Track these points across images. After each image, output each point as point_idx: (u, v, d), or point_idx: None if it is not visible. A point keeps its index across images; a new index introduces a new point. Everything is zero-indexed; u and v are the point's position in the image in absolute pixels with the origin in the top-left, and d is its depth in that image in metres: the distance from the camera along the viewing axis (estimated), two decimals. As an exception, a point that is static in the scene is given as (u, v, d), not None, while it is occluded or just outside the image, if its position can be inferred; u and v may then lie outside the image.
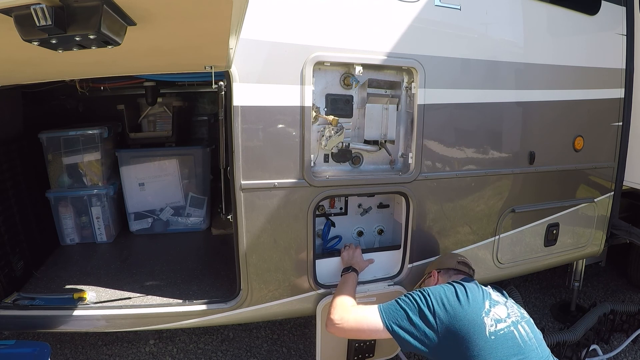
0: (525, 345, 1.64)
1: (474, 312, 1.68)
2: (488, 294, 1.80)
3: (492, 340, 1.62)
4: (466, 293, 1.73)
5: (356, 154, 2.17)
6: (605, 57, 2.64)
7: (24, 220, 2.54)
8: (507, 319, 1.71)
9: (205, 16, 1.13)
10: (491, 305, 1.73)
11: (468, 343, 1.62)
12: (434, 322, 1.68)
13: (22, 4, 0.82)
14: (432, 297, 1.73)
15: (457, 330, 1.64)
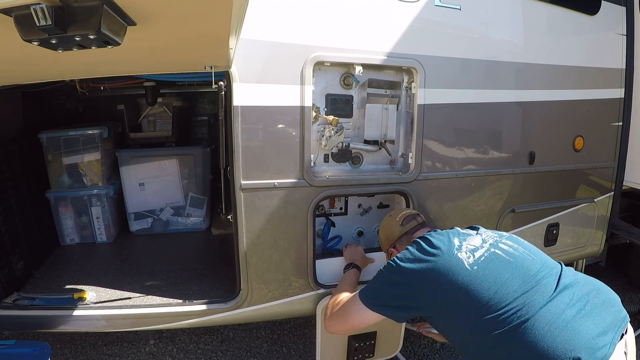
0: (515, 259, 1.56)
1: (444, 255, 1.59)
2: (455, 231, 1.73)
3: (475, 270, 1.52)
4: (430, 241, 1.65)
5: (356, 154, 2.17)
6: (605, 57, 2.64)
7: (24, 220, 2.54)
8: (483, 244, 1.63)
9: (205, 16, 1.13)
10: (461, 240, 1.65)
11: (454, 286, 1.52)
12: (412, 284, 1.60)
13: (22, 4, 0.82)
14: (400, 263, 1.65)
15: (438, 280, 1.55)
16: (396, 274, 1.65)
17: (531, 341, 1.35)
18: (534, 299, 1.42)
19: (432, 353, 2.97)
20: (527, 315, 1.39)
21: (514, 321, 1.39)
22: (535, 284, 1.47)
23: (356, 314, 1.71)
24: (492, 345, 1.43)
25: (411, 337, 3.05)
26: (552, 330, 1.35)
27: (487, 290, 1.47)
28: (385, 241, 2.05)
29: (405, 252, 1.69)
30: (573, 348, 1.31)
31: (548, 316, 1.38)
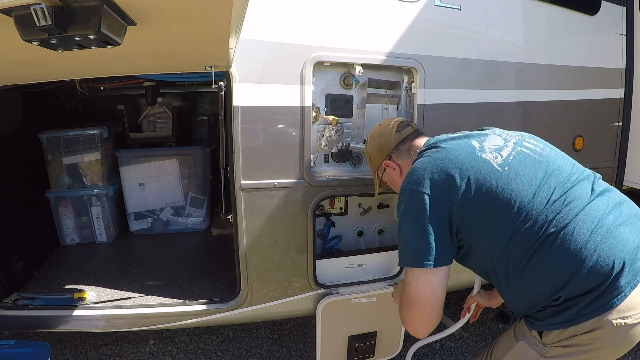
0: (545, 158, 1.41)
1: (468, 162, 1.39)
2: (466, 134, 1.55)
3: (507, 171, 1.36)
4: (447, 156, 1.43)
5: (356, 154, 2.17)
6: (605, 57, 2.64)
7: (24, 220, 2.54)
8: (507, 142, 1.46)
9: (205, 16, 1.13)
10: (480, 141, 1.47)
11: (487, 193, 1.34)
12: (445, 205, 1.37)
13: (22, 4, 0.82)
14: (424, 188, 1.39)
15: (469, 192, 1.35)
16: (425, 203, 1.37)
17: (572, 248, 1.26)
18: (573, 202, 1.31)
19: (432, 353, 2.97)
20: (567, 220, 1.28)
21: (554, 226, 1.28)
22: (570, 185, 1.35)
23: (420, 288, 1.38)
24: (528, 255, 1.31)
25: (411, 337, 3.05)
26: (594, 237, 1.26)
27: (523, 192, 1.33)
28: (378, 153, 1.77)
29: (419, 172, 1.43)
30: (615, 256, 1.25)
31: (588, 220, 1.28)
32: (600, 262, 1.25)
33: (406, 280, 1.43)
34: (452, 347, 3.03)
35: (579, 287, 1.27)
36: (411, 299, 1.40)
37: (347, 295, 2.21)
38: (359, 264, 2.31)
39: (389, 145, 1.73)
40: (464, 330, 3.19)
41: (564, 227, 1.28)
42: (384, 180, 1.84)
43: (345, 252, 2.34)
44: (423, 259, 1.36)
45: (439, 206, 1.37)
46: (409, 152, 1.70)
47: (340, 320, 2.25)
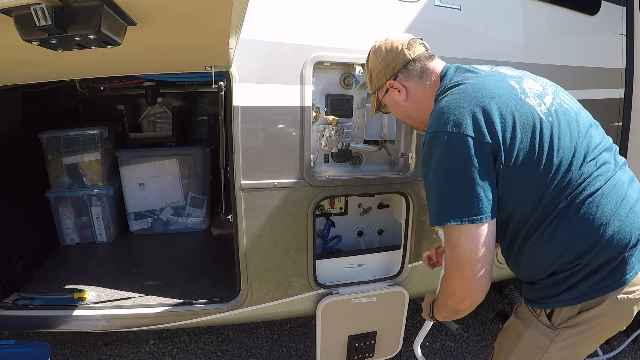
0: (578, 116, 1.32)
1: (511, 103, 1.24)
2: (500, 72, 1.38)
3: (551, 123, 1.24)
4: (487, 93, 1.24)
5: (356, 154, 2.17)
6: (605, 57, 2.64)
7: (24, 220, 2.54)
8: (546, 90, 1.33)
9: (205, 16, 1.13)
10: (519, 82, 1.32)
11: (532, 140, 1.22)
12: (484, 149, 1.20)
13: (22, 4, 0.82)
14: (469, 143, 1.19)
15: (516, 138, 1.21)
16: (470, 147, 1.19)
17: (599, 215, 1.22)
18: (602, 167, 1.26)
19: (432, 353, 2.97)
20: (597, 185, 1.24)
21: (586, 188, 1.23)
22: (599, 151, 1.28)
23: (473, 245, 1.20)
24: (557, 211, 1.24)
25: (411, 337, 3.05)
26: (621, 209, 1.24)
27: (565, 147, 1.23)
28: (382, 71, 1.53)
29: (456, 111, 1.22)
30: (633, 231, 1.24)
31: (615, 191, 1.25)
32: (621, 236, 1.24)
33: (452, 241, 1.23)
34: (452, 347, 3.03)
35: (598, 257, 1.25)
36: (463, 260, 1.21)
37: (347, 295, 2.21)
38: (359, 264, 2.31)
39: (397, 64, 1.49)
40: (464, 330, 3.19)
41: (594, 192, 1.23)
42: (384, 104, 1.63)
43: (345, 252, 2.34)
44: (474, 212, 1.19)
45: (485, 150, 1.20)
46: (421, 76, 1.48)
47: (340, 320, 2.25)
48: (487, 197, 1.20)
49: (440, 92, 1.37)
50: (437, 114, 1.27)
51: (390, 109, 1.63)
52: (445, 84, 1.39)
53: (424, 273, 2.30)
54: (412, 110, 1.54)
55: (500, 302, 3.47)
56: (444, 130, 1.22)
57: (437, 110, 1.29)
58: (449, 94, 1.31)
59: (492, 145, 1.20)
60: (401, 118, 1.64)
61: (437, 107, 1.29)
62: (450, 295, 1.32)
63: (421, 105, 1.51)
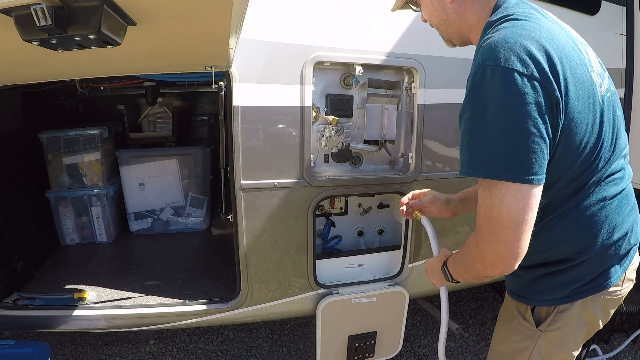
0: (619, 107, 1.26)
1: (580, 68, 1.11)
2: (562, 26, 1.24)
3: (603, 106, 1.15)
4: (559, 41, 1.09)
5: (356, 154, 2.17)
6: (605, 57, 2.62)
7: (24, 220, 2.54)
8: (604, 72, 1.25)
9: (205, 16, 1.13)
10: (585, 51, 1.20)
11: (586, 117, 1.11)
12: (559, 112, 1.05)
13: (22, 4, 0.82)
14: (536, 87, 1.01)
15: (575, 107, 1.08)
16: (537, 91, 1.01)
17: (609, 222, 1.22)
18: (622, 173, 1.25)
19: (432, 353, 2.97)
20: (616, 190, 1.22)
21: (604, 190, 1.20)
22: (623, 154, 1.26)
23: (521, 207, 1.03)
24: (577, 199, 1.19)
25: (411, 337, 3.06)
26: (627, 220, 1.26)
27: (608, 137, 1.17)
28: None
29: (521, 45, 1.03)
30: (631, 241, 1.28)
31: (626, 201, 1.27)
32: (621, 247, 1.26)
33: (494, 197, 1.05)
34: (452, 347, 3.03)
35: (592, 260, 1.25)
36: (504, 222, 1.05)
37: (347, 295, 2.21)
38: (359, 264, 2.31)
39: None
40: (464, 330, 3.19)
41: (614, 196, 1.22)
42: (422, 9, 1.41)
43: (345, 252, 2.34)
44: (532, 171, 1.02)
45: (552, 104, 1.03)
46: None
47: (340, 320, 2.25)
48: (547, 155, 1.05)
49: (499, 20, 1.16)
50: (503, 44, 1.04)
51: (427, 5, 1.36)
52: (507, 11, 1.18)
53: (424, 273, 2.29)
54: (454, 16, 1.31)
55: (501, 302, 3.47)
56: (512, 67, 1.01)
57: (502, 39, 1.06)
58: (517, 25, 1.10)
59: (558, 103, 1.04)
60: (435, 21, 1.38)
61: (502, 36, 1.07)
62: (479, 259, 1.15)
63: (466, 15, 1.29)
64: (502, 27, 1.12)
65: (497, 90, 1.02)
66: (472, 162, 1.08)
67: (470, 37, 1.33)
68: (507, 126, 1.02)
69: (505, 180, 1.03)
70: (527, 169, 1.02)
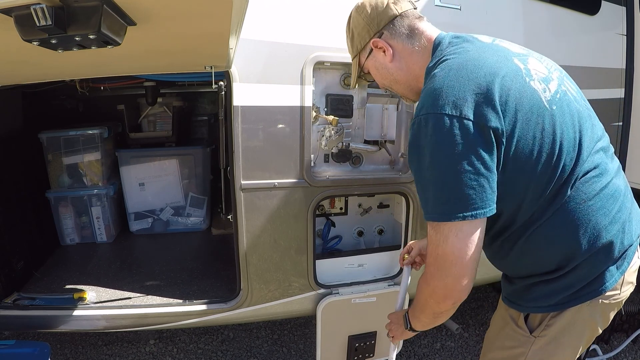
0: (582, 107, 1.24)
1: (515, 85, 1.10)
2: (504, 47, 1.24)
3: (554, 111, 1.14)
4: (489, 70, 1.10)
5: (356, 154, 2.17)
6: (605, 57, 2.64)
7: (24, 220, 2.54)
8: (551, 74, 1.22)
9: (205, 16, 1.13)
10: (524, 62, 1.19)
11: (534, 130, 1.10)
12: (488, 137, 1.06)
13: (22, 4, 0.82)
14: (470, 128, 1.04)
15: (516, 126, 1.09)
16: (470, 132, 1.04)
17: (592, 225, 1.17)
18: (600, 169, 1.20)
19: (432, 353, 2.97)
20: (595, 190, 1.17)
21: (582, 192, 1.16)
22: (598, 149, 1.22)
23: (463, 244, 1.08)
24: (554, 208, 1.17)
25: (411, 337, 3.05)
26: (615, 222, 1.20)
27: (568, 141, 1.14)
28: (365, 28, 1.36)
29: (453, 89, 1.07)
30: (620, 242, 1.22)
31: (611, 202, 1.20)
32: (610, 249, 1.21)
33: (439, 236, 1.10)
34: (452, 347, 3.03)
35: (583, 266, 1.21)
36: (449, 259, 1.10)
37: (347, 295, 2.21)
38: (359, 264, 2.31)
39: (382, 19, 1.33)
40: (464, 330, 3.19)
41: (593, 197, 1.17)
42: (367, 69, 1.45)
43: (345, 252, 2.34)
44: (474, 206, 1.06)
45: (488, 135, 1.05)
46: (410, 36, 1.32)
47: (340, 320, 2.25)
48: (492, 188, 1.08)
49: (434, 65, 1.21)
50: (432, 92, 1.10)
51: (374, 74, 1.44)
52: (440, 54, 1.22)
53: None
54: (399, 73, 1.37)
55: (500, 302, 3.46)
56: (441, 112, 1.06)
57: (431, 88, 1.12)
58: (445, 68, 1.14)
59: (495, 131, 1.06)
60: (387, 84, 1.44)
61: (432, 84, 1.12)
62: (430, 294, 1.20)
63: (409, 68, 1.35)
64: (434, 74, 1.16)
65: (430, 137, 1.07)
66: (424, 208, 1.15)
67: (420, 87, 1.35)
68: (442, 169, 1.07)
69: (446, 221, 1.08)
70: (466, 206, 1.06)
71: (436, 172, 1.08)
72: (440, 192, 1.09)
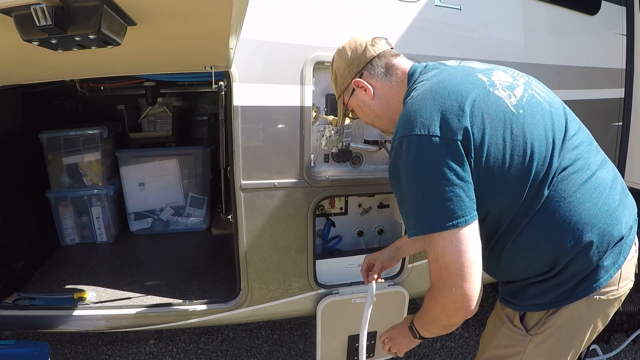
0: (552, 107, 1.28)
1: (479, 97, 1.19)
2: (468, 66, 1.33)
3: (522, 114, 1.19)
4: (454, 90, 1.20)
5: (356, 154, 2.17)
6: (605, 57, 2.64)
7: (24, 220, 2.54)
8: (517, 81, 1.29)
9: (205, 16, 1.13)
10: (487, 75, 1.27)
11: (503, 135, 1.16)
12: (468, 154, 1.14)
13: (22, 4, 0.82)
14: (440, 144, 1.13)
15: (485, 135, 1.15)
16: (440, 148, 1.13)
17: (575, 220, 1.18)
18: (579, 164, 1.22)
19: (432, 353, 2.97)
20: (575, 185, 1.20)
21: (562, 190, 1.19)
22: (575, 145, 1.25)
23: (460, 250, 1.12)
24: (534, 209, 1.20)
25: (411, 337, 3.05)
26: (601, 214, 1.21)
27: (538, 141, 1.18)
28: (346, 70, 1.50)
29: (423, 112, 1.16)
30: (611, 236, 1.22)
31: (596, 195, 1.21)
32: (600, 243, 1.21)
33: (436, 250, 1.14)
34: (452, 347, 3.03)
35: (574, 263, 1.21)
36: (451, 269, 1.13)
37: (347, 295, 2.21)
38: (359, 264, 2.30)
39: (361, 61, 1.47)
40: (464, 330, 3.19)
41: (573, 192, 1.19)
42: (351, 107, 1.58)
43: (345, 252, 2.34)
44: (455, 215, 1.11)
45: (456, 148, 1.13)
46: (386, 73, 1.46)
47: (340, 320, 2.25)
48: (469, 196, 1.14)
49: (407, 94, 1.33)
50: (403, 118, 1.21)
51: (358, 111, 1.58)
52: (412, 85, 1.35)
53: (424, 273, 2.29)
54: (380, 109, 1.49)
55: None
56: (411, 134, 1.15)
57: (403, 114, 1.23)
58: (414, 96, 1.25)
59: (463, 143, 1.13)
60: (370, 120, 1.57)
61: (403, 111, 1.24)
62: (441, 310, 1.22)
63: (388, 103, 1.47)
64: (407, 103, 1.27)
65: (405, 158, 1.16)
66: (408, 225, 1.21)
67: None
68: (420, 186, 1.15)
69: (434, 231, 1.14)
70: (449, 215, 1.12)
71: (414, 188, 1.16)
72: (421, 206, 1.16)
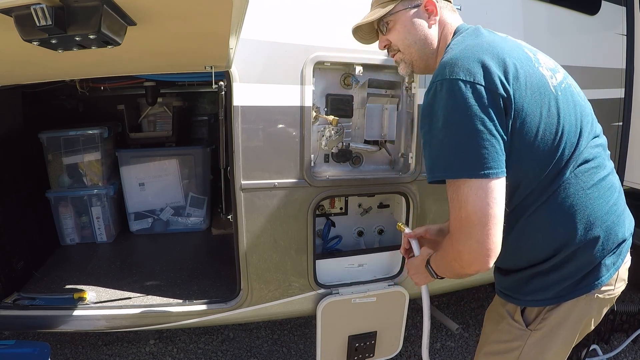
0: (585, 102, 1.32)
1: (524, 65, 1.18)
2: (514, 40, 1.33)
3: (559, 96, 1.20)
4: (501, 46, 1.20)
5: (356, 154, 2.17)
6: (605, 57, 2.64)
7: (24, 220, 2.54)
8: (557, 67, 1.30)
9: (205, 16, 1.13)
10: (533, 53, 1.29)
11: (540, 109, 1.16)
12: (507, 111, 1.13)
13: (22, 4, 0.82)
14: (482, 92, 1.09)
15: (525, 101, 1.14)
16: (482, 96, 1.09)
17: (589, 212, 1.21)
18: (598, 161, 1.25)
19: (432, 353, 2.97)
20: (593, 180, 1.23)
21: (580, 179, 1.21)
22: (597, 144, 1.28)
23: (484, 202, 1.08)
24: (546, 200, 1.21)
25: (411, 337, 3.05)
26: (610, 213, 1.25)
27: (570, 125, 1.19)
28: None
29: (466, 58, 1.13)
30: (617, 236, 1.26)
31: (608, 194, 1.25)
32: (606, 241, 1.24)
33: (460, 198, 1.11)
34: (452, 347, 3.03)
35: (578, 257, 1.23)
36: (471, 220, 1.09)
37: (347, 295, 2.21)
38: (359, 264, 2.31)
39: None
40: (464, 330, 3.19)
41: (591, 186, 1.22)
42: (391, 21, 1.41)
43: (345, 252, 2.34)
44: (487, 165, 1.08)
45: (497, 102, 1.11)
46: (451, 14, 1.41)
47: (340, 320, 2.25)
48: (502, 150, 1.10)
49: (451, 44, 1.30)
50: (448, 62, 1.15)
51: (399, 29, 1.40)
52: (458, 36, 1.32)
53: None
54: (428, 39, 1.39)
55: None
56: (455, 77, 1.11)
57: (448, 58, 1.17)
58: (461, 44, 1.23)
59: (504, 100, 1.11)
60: (406, 43, 1.41)
61: (448, 56, 1.19)
62: (456, 258, 1.18)
63: (434, 40, 1.39)
64: (450, 48, 1.26)
65: (446, 100, 1.12)
66: (432, 168, 1.18)
67: (431, 64, 1.43)
68: (457, 129, 1.10)
69: (462, 177, 1.10)
70: (482, 164, 1.08)
71: (450, 132, 1.11)
72: (453, 150, 1.11)
